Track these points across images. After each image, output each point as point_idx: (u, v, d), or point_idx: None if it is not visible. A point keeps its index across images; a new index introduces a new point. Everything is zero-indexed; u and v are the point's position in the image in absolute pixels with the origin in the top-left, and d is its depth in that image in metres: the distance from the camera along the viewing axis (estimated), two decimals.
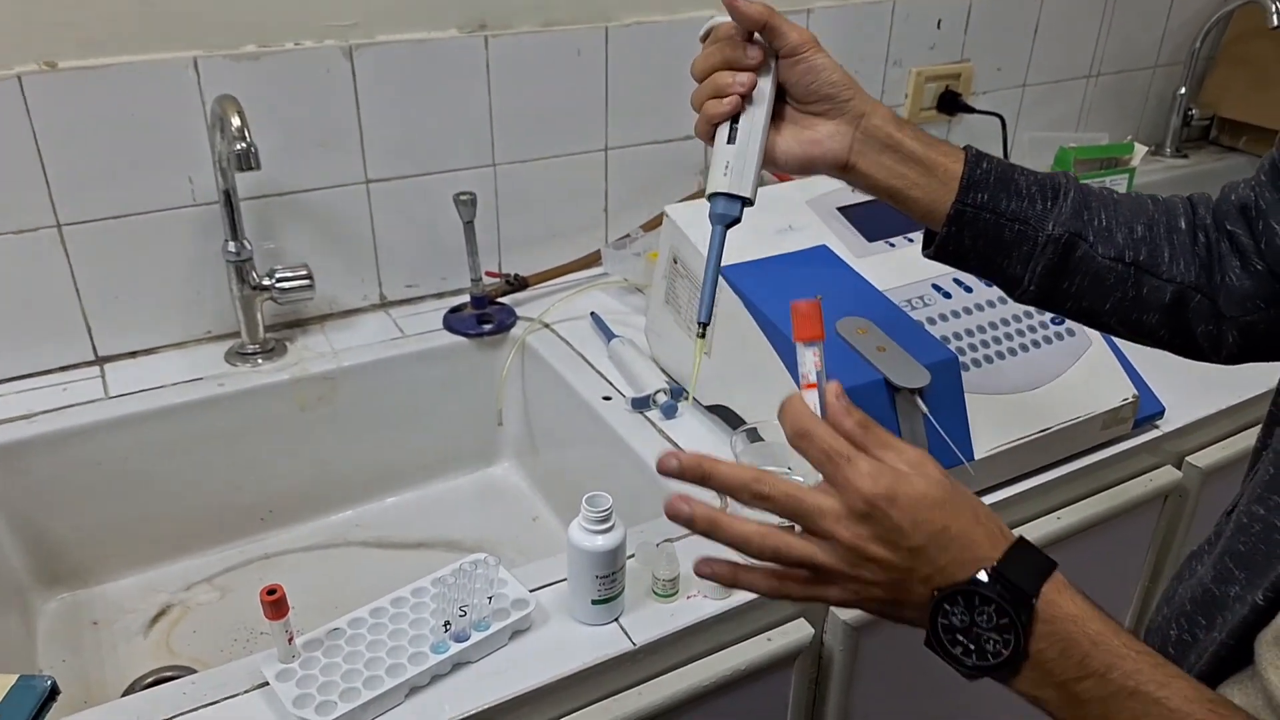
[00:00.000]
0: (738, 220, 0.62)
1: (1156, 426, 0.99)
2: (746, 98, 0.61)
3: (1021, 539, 0.49)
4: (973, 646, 0.47)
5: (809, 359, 0.55)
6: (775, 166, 0.65)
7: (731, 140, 0.61)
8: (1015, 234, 0.63)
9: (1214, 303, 0.63)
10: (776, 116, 0.64)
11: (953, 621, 0.47)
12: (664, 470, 0.52)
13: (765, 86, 0.62)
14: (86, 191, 0.95)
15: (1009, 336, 0.94)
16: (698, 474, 0.51)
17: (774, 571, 0.52)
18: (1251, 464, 0.60)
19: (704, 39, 0.65)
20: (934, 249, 0.66)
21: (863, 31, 1.32)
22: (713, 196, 0.62)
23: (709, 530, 0.52)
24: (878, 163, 0.63)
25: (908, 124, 0.64)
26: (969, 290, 0.98)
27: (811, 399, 0.53)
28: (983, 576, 0.47)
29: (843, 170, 0.64)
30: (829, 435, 0.50)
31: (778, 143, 0.63)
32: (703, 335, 0.62)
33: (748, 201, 0.62)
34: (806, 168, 0.64)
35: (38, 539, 0.94)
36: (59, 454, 0.92)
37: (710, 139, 0.63)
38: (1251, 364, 0.66)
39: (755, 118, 0.62)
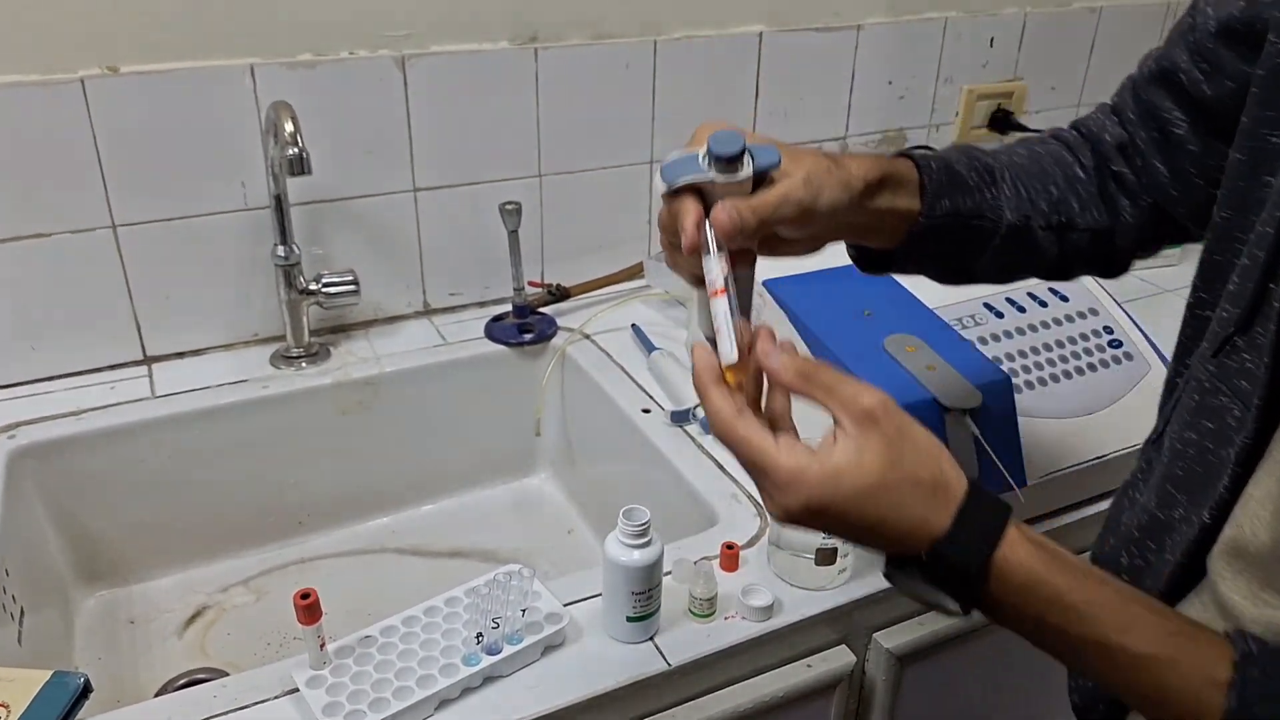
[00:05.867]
0: None
1: None
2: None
3: (970, 495, 0.47)
4: (929, 599, 0.49)
5: (714, 266, 0.51)
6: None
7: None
8: (973, 230, 0.63)
9: (1111, 240, 0.67)
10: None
11: (906, 584, 0.49)
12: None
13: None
14: (142, 193, 0.96)
15: (1064, 359, 0.91)
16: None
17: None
18: (1168, 393, 0.61)
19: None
20: (889, 267, 0.65)
21: (914, 49, 1.30)
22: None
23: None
24: (858, 219, 0.59)
25: (865, 160, 0.59)
26: (1022, 310, 0.96)
27: (720, 307, 0.51)
28: (927, 555, 0.47)
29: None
30: (741, 441, 0.48)
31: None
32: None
33: None
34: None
35: (81, 535, 0.95)
36: (104, 451, 0.93)
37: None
38: None
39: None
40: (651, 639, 0.71)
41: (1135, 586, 0.53)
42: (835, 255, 0.96)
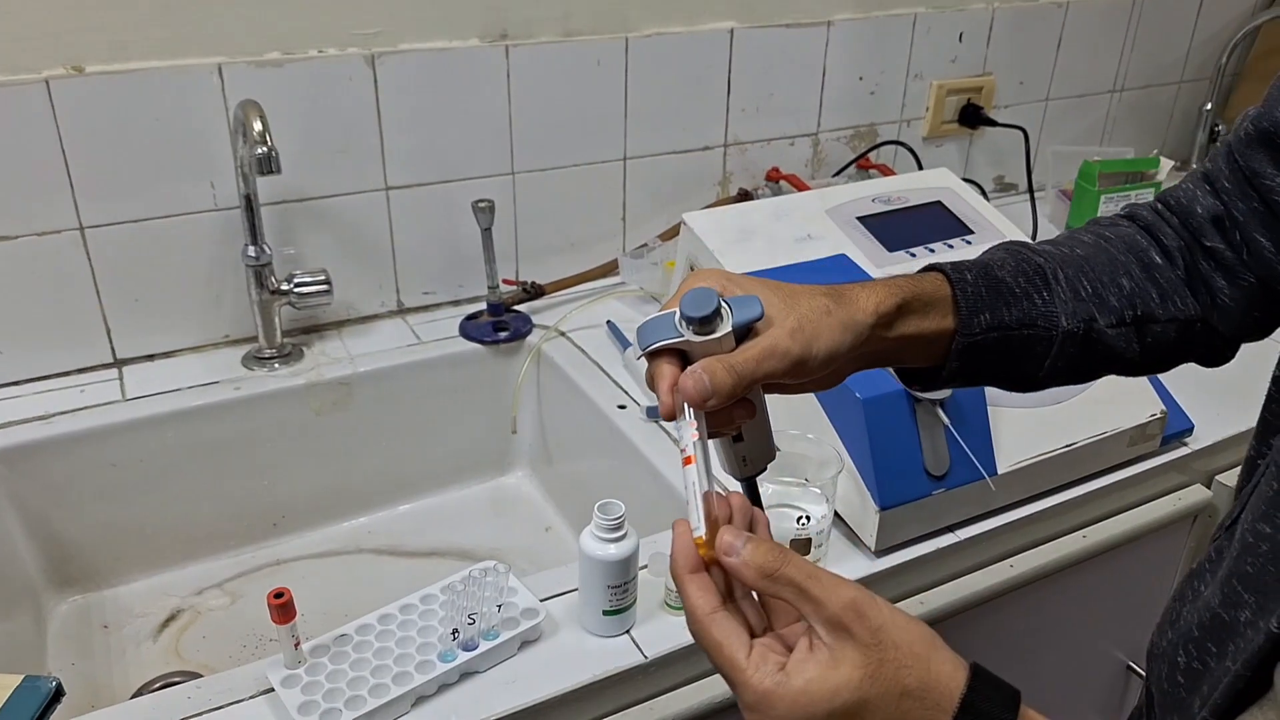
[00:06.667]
0: None
1: (1185, 444, 0.96)
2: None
3: (968, 696, 0.42)
4: None
5: (685, 432, 0.48)
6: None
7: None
8: (1025, 339, 0.57)
9: (1210, 325, 0.60)
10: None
11: None
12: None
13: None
14: (109, 195, 0.95)
15: None
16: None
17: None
18: (1246, 474, 0.55)
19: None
20: (937, 384, 0.58)
21: (884, 44, 1.31)
22: None
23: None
24: (875, 352, 0.54)
25: (890, 288, 0.54)
26: None
27: (689, 476, 0.48)
28: None
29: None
30: (712, 647, 0.44)
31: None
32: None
33: None
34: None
35: (52, 540, 0.94)
36: (75, 455, 0.93)
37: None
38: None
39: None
40: (628, 632, 0.71)
41: (1193, 691, 0.49)
42: (808, 250, 0.97)
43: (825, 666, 0.42)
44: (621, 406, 0.98)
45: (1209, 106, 1.65)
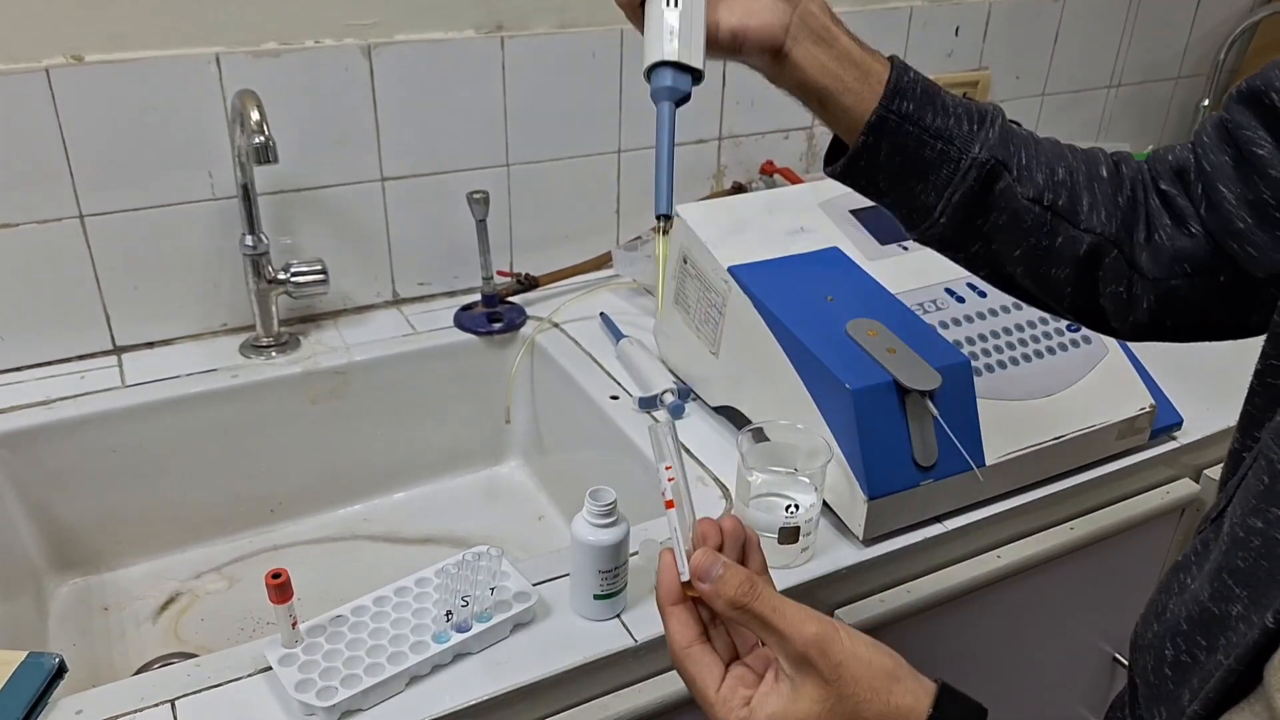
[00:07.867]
0: (687, 98, 0.55)
1: (1174, 438, 0.97)
2: None
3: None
4: None
5: (664, 474, 0.50)
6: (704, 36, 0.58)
7: (673, 3, 0.53)
8: (937, 154, 0.58)
9: (1131, 262, 0.59)
10: None
11: None
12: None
13: None
14: (109, 184, 0.96)
15: (1023, 342, 0.93)
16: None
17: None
18: (1231, 467, 0.55)
19: None
20: (844, 162, 0.60)
21: (879, 38, 1.29)
22: (657, 67, 0.54)
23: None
24: (812, 55, 0.58)
25: (840, 22, 0.59)
26: (983, 295, 0.98)
27: (672, 520, 0.50)
28: None
29: (775, 56, 0.58)
30: (688, 679, 0.48)
31: (713, 7, 0.56)
32: (665, 232, 0.54)
33: (699, 75, 0.55)
34: (737, 43, 0.57)
35: (52, 524, 0.95)
36: (75, 441, 0.94)
37: (638, 10, 0.56)
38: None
39: None
40: (618, 616, 0.72)
41: (1181, 684, 0.50)
42: (800, 243, 0.98)
43: (786, 701, 0.45)
44: (614, 397, 0.99)
45: (1206, 102, 1.65)
